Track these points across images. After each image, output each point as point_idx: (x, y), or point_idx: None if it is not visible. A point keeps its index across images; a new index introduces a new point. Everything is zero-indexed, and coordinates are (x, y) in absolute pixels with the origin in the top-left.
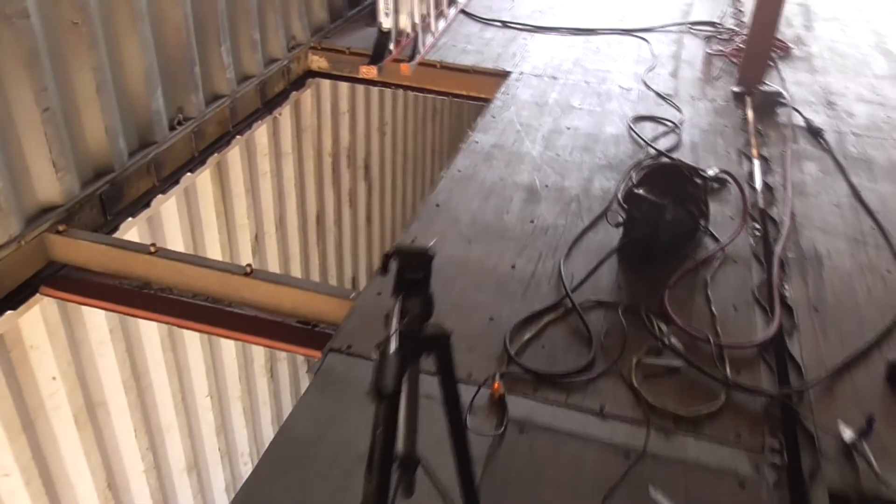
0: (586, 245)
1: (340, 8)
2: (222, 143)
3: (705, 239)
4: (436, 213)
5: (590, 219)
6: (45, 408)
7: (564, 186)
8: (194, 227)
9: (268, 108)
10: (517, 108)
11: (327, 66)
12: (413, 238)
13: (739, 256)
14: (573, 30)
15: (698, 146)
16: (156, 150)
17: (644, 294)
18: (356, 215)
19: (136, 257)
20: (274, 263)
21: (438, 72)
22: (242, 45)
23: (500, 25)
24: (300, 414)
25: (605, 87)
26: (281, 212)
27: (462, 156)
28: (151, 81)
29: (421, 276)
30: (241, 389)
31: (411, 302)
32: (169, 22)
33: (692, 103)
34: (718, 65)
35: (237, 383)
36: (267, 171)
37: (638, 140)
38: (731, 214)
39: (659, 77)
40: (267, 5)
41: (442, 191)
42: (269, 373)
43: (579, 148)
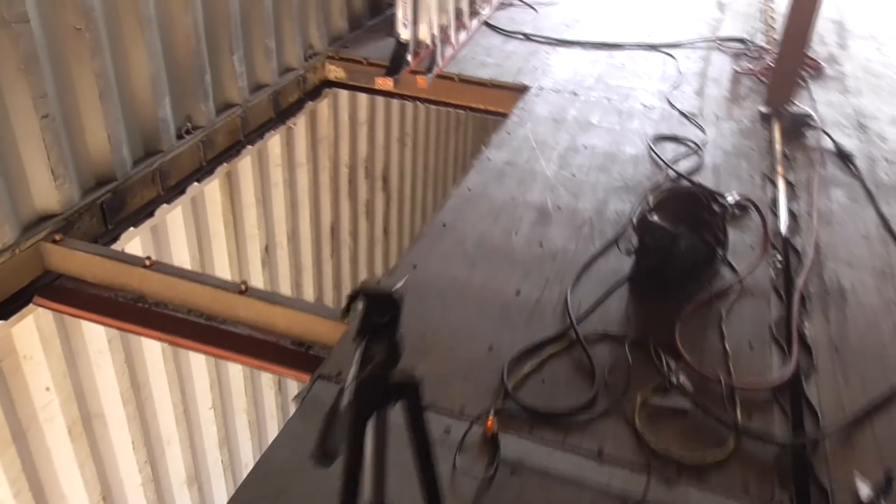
0: (596, 272)
1: (360, 17)
2: (232, 153)
3: (722, 269)
4: (441, 233)
5: (602, 243)
6: (38, 419)
7: (577, 208)
8: (201, 237)
9: (281, 117)
10: (534, 124)
11: (344, 77)
12: (404, 263)
13: (758, 289)
14: (597, 44)
15: (721, 169)
16: (161, 158)
17: (654, 327)
18: (373, 227)
19: (131, 270)
20: (285, 275)
21: (456, 85)
22: (256, 53)
23: (523, 38)
24: (281, 443)
25: (626, 105)
26: (294, 223)
27: (474, 173)
28: (158, 89)
29: (387, 320)
30: (246, 402)
31: (377, 347)
32: (178, 28)
33: (717, 123)
34: (746, 84)
35: (243, 395)
36: (280, 182)
37: (658, 161)
38: (752, 243)
39: (684, 95)
40: (283, 14)
41: (450, 209)
42: (276, 385)
43: (595, 168)
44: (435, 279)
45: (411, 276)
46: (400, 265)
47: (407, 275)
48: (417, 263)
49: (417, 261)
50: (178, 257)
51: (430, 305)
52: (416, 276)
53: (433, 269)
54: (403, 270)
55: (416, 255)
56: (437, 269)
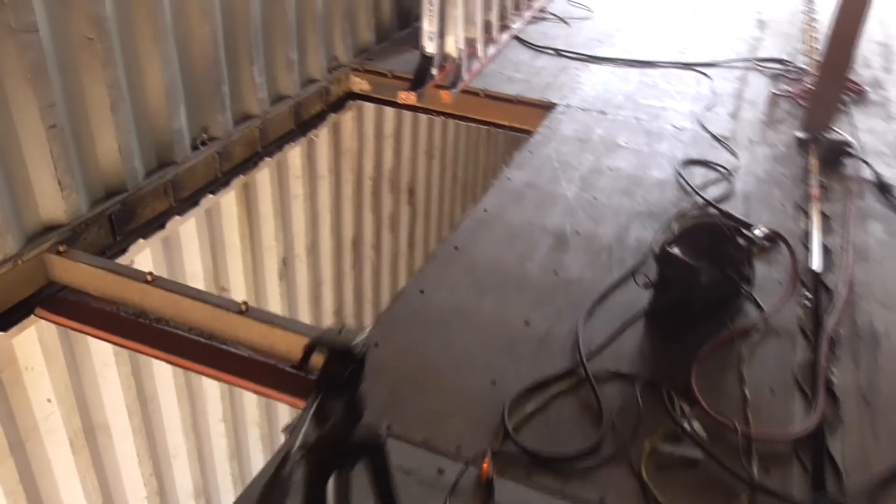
0: (612, 304)
1: (388, 29)
2: (249, 165)
3: (746, 305)
4: (452, 257)
5: (620, 273)
6: (40, 430)
7: (597, 234)
8: (215, 249)
9: (302, 129)
10: (558, 143)
11: (369, 89)
12: (412, 288)
13: (783, 329)
14: (630, 61)
15: (752, 197)
16: (175, 170)
17: (669, 367)
18: (397, 240)
19: (132, 285)
20: (303, 288)
21: (481, 100)
22: (278, 64)
23: (553, 53)
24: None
25: (656, 126)
26: (313, 235)
27: (491, 194)
28: (173, 100)
29: (348, 375)
30: (259, 414)
31: (335, 404)
32: (196, 38)
33: (750, 148)
34: (784, 107)
35: (255, 407)
36: (300, 194)
37: (685, 186)
38: (780, 279)
39: (717, 117)
40: (307, 25)
41: (464, 232)
42: None
43: (619, 191)
44: (441, 306)
45: (418, 301)
46: (407, 290)
47: (370, 327)
48: (425, 288)
49: (425, 286)
50: (191, 269)
51: (434, 335)
52: (423, 303)
53: (441, 295)
54: (410, 295)
55: (424, 280)
56: (445, 295)
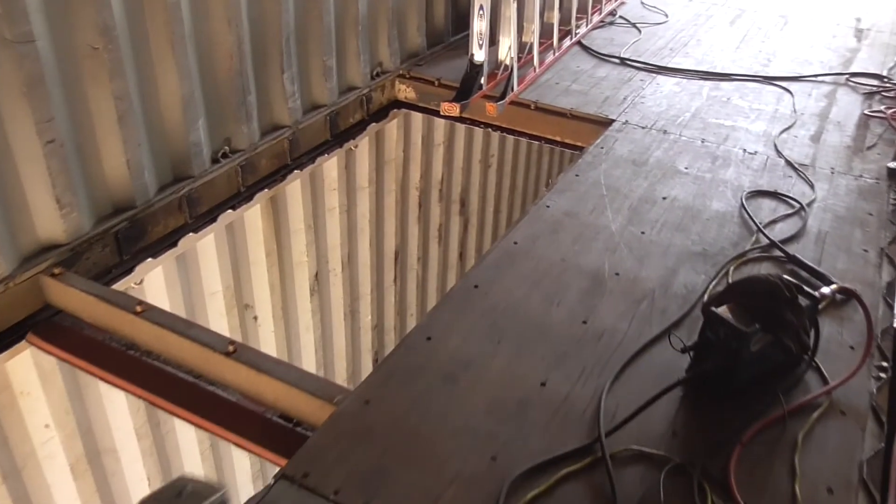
0: (646, 364)
1: (441, 33)
2: (277, 178)
3: (807, 375)
4: (470, 297)
5: (661, 326)
6: (37, 456)
7: (639, 277)
8: (238, 266)
9: (339, 139)
10: (609, 165)
11: (415, 97)
12: (418, 334)
13: (851, 408)
14: (703, 73)
15: (827, 238)
16: (191, 184)
17: (705, 449)
18: (447, 252)
19: (123, 315)
20: (338, 303)
21: (532, 113)
22: (313, 71)
23: (618, 62)
24: None
25: (724, 149)
26: (350, 248)
27: (525, 223)
28: (191, 111)
29: None
30: None
31: None
32: (219, 46)
33: (831, 179)
34: (876, 130)
35: None
36: (335, 207)
37: (749, 222)
38: (853, 342)
39: (795, 140)
40: (348, 30)
41: (486, 268)
42: None
43: (671, 226)
44: (449, 358)
45: (423, 349)
46: (413, 335)
47: (224, 489)
48: (433, 334)
49: (434, 331)
50: (210, 287)
51: (436, 393)
52: (429, 352)
53: (451, 343)
54: (416, 342)
55: (434, 324)
56: (456, 344)
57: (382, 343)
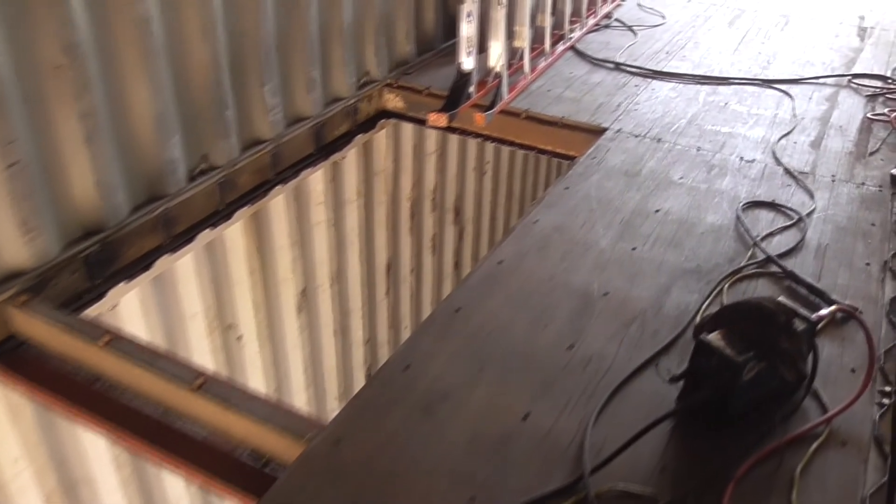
0: (635, 392)
1: (432, 40)
2: (259, 194)
3: (806, 400)
4: (452, 321)
5: (652, 351)
6: (9, 490)
7: (630, 297)
8: (219, 286)
9: (324, 152)
10: (600, 177)
11: (403, 107)
12: (396, 362)
13: (852, 437)
14: (699, 77)
15: (827, 251)
16: (167, 203)
17: (696, 486)
18: (441, 262)
19: (88, 346)
20: (327, 319)
21: (523, 122)
22: (295, 83)
23: (612, 67)
24: None
25: (720, 157)
26: (339, 263)
27: (512, 240)
28: (165, 128)
29: None
30: None
31: None
32: (194, 60)
33: (832, 187)
34: (879, 134)
35: None
36: (322, 221)
37: (745, 235)
38: (855, 364)
39: (795, 147)
40: (333, 39)
41: (469, 289)
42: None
43: (664, 241)
44: (428, 388)
45: (400, 380)
46: (390, 365)
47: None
48: (413, 362)
49: (413, 359)
50: (190, 309)
51: (412, 430)
52: (406, 382)
53: (430, 373)
54: (393, 372)
55: (412, 352)
56: (435, 373)
57: (376, 357)
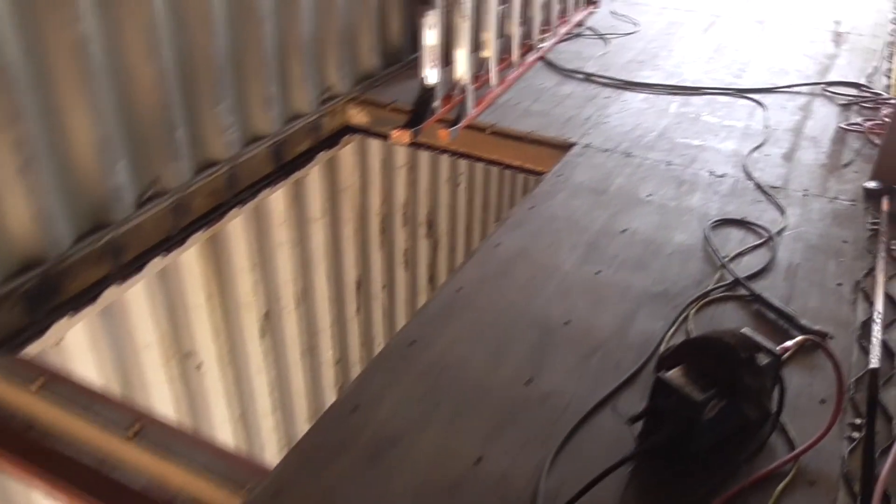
0: (595, 430)
1: (398, 51)
2: (215, 217)
3: (773, 436)
4: (404, 357)
5: (614, 384)
6: None
7: (592, 325)
8: (175, 314)
9: (285, 171)
10: (567, 195)
11: (368, 122)
12: (346, 403)
13: (821, 476)
14: (671, 87)
15: (798, 271)
16: (113, 231)
17: None
18: (415, 277)
19: (20, 392)
20: (293, 341)
21: (489, 137)
22: (252, 101)
23: (583, 78)
24: None
25: (690, 172)
26: (305, 283)
27: (472, 265)
28: (109, 153)
29: None
30: None
31: None
32: (139, 80)
33: (803, 202)
34: (853, 145)
35: None
36: (284, 241)
37: (713, 256)
38: (825, 395)
39: (767, 160)
40: (291, 53)
41: (426, 320)
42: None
43: (630, 263)
44: (375, 433)
45: (347, 423)
46: (337, 407)
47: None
48: (360, 404)
49: (362, 400)
50: (143, 339)
51: (356, 480)
52: (353, 426)
53: (378, 414)
54: (339, 415)
55: (362, 391)
56: (384, 415)
57: (348, 377)
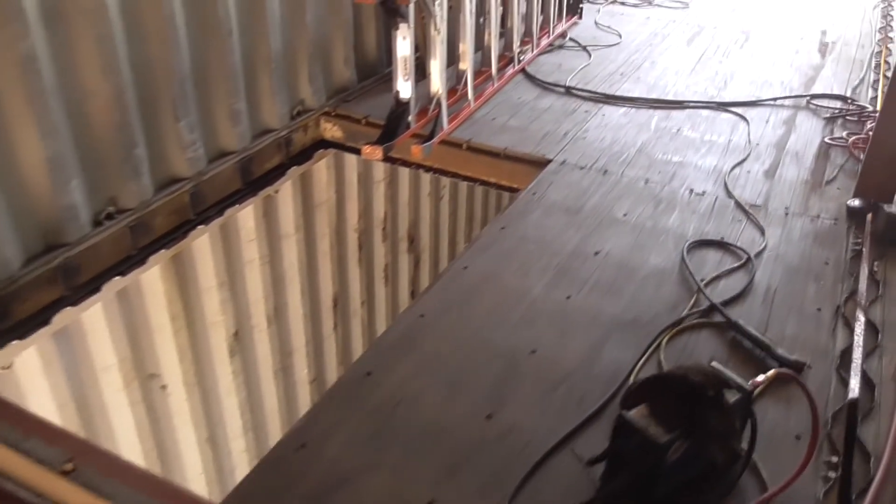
0: (555, 470)
1: (374, 64)
2: (178, 235)
3: (745, 476)
4: (360, 389)
5: (578, 419)
6: None
7: (559, 355)
8: (137, 335)
9: (254, 187)
10: (540, 215)
11: (342, 137)
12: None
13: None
14: (653, 101)
15: (776, 295)
16: (67, 252)
17: None
18: (396, 293)
19: None
20: (265, 361)
21: (464, 153)
22: (218, 117)
23: (563, 91)
24: None
25: (669, 190)
26: (277, 301)
27: (437, 290)
28: (61, 172)
29: None
30: None
31: None
32: (94, 98)
33: (785, 221)
34: (837, 160)
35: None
36: (255, 258)
37: (689, 280)
38: (800, 430)
39: (748, 176)
40: (259, 68)
41: (384, 350)
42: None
43: (602, 287)
44: (321, 474)
45: (293, 463)
46: (283, 444)
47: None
48: (308, 441)
49: (310, 436)
50: (102, 362)
51: None
52: (300, 465)
53: (327, 453)
54: (285, 453)
55: (311, 427)
56: (332, 453)
57: None
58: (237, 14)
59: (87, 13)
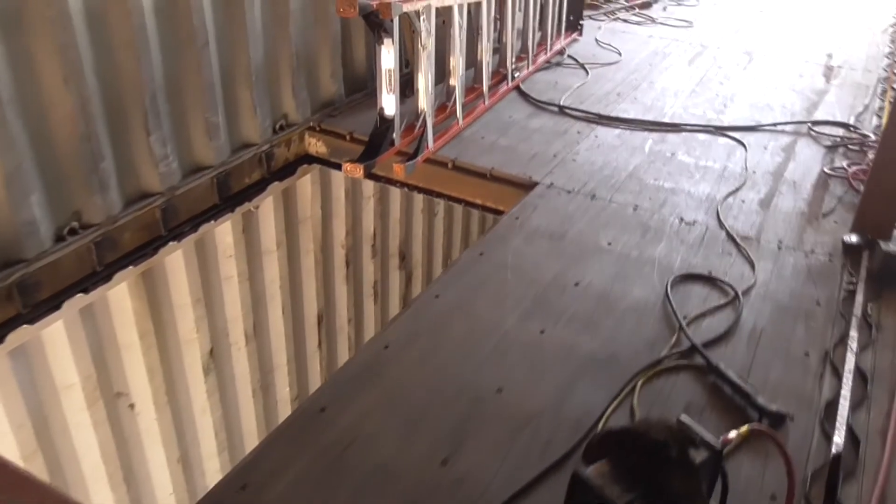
0: None
1: (362, 78)
2: (147, 252)
3: None
4: (313, 425)
5: (541, 467)
6: None
7: (527, 394)
8: (103, 353)
9: (231, 202)
10: (521, 241)
11: (326, 152)
12: (232, 481)
13: None
14: (648, 123)
15: (762, 336)
16: (25, 269)
17: None
18: (386, 309)
19: None
20: (244, 378)
21: (449, 173)
22: (193, 130)
23: (556, 111)
24: None
25: (658, 218)
26: (257, 318)
27: (405, 320)
28: (19, 186)
29: None
30: None
31: None
32: (56, 109)
33: (776, 257)
34: (836, 191)
35: None
36: (233, 275)
37: (672, 316)
38: (776, 489)
39: (742, 206)
40: (238, 81)
41: (342, 383)
42: None
43: (579, 321)
44: None
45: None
46: (225, 484)
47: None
48: (250, 483)
49: (253, 477)
50: (64, 381)
51: None
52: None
53: (268, 496)
54: (225, 495)
55: (257, 466)
56: (275, 497)
57: None
58: (214, 24)
59: (48, 21)
